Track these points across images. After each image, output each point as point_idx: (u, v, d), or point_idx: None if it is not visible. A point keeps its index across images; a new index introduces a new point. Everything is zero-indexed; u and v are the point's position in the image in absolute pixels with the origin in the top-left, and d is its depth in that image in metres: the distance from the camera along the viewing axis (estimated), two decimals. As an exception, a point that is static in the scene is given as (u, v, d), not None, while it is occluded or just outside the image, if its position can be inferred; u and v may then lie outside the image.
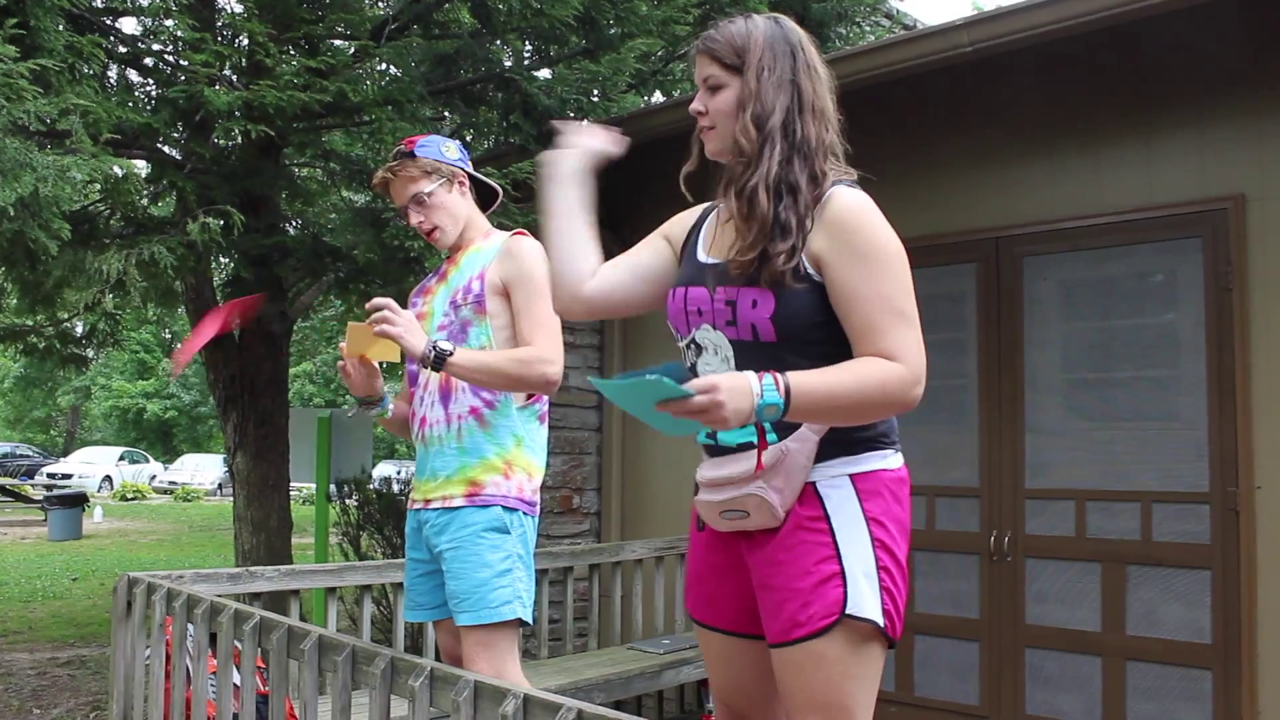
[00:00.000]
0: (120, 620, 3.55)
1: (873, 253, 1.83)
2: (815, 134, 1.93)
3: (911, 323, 1.84)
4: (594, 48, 5.90)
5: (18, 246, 4.53)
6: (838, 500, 1.87)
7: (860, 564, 1.84)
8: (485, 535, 2.63)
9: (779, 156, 1.89)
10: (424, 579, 2.80)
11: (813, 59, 1.98)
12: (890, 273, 1.83)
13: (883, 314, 1.81)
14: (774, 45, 1.95)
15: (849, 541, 1.84)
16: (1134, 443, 4.23)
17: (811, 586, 1.84)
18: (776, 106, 1.91)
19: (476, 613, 2.60)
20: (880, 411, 1.85)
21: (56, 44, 4.32)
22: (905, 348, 1.81)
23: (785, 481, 1.86)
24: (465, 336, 2.71)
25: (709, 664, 2.15)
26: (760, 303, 1.86)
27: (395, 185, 2.80)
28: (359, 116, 5.49)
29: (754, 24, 1.97)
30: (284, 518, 6.99)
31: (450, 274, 2.85)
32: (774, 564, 1.89)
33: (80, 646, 7.41)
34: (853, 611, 1.81)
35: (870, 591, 1.83)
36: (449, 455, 2.70)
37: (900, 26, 8.71)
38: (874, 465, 1.91)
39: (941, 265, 4.70)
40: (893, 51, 4.39)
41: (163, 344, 37.20)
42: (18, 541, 15.66)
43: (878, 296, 1.82)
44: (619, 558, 5.18)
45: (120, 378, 36.99)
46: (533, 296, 2.66)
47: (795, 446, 1.87)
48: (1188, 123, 4.14)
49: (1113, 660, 4.17)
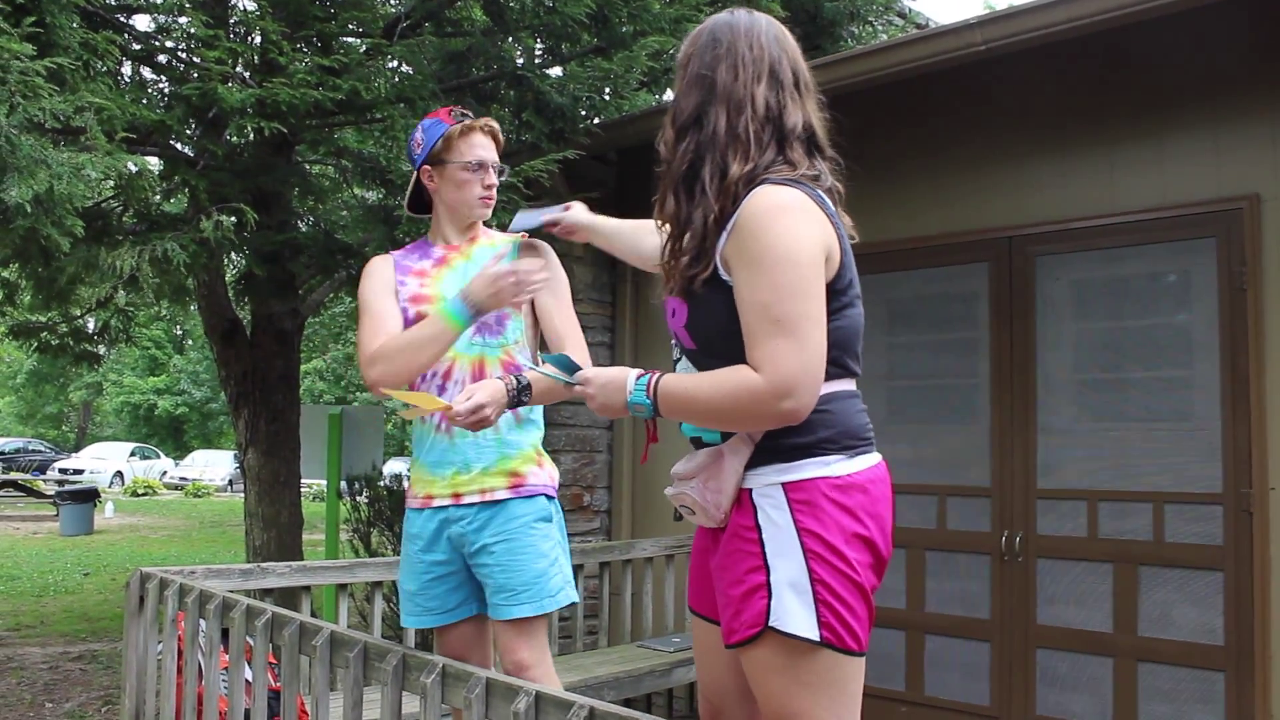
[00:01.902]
0: (133, 615, 3.56)
1: (758, 257, 1.74)
2: (725, 125, 1.83)
3: (788, 331, 1.71)
4: (606, 45, 5.89)
5: (32, 243, 4.55)
6: (769, 510, 1.82)
7: (788, 577, 1.77)
8: (536, 526, 2.63)
9: (689, 155, 1.85)
10: (439, 582, 2.69)
11: (743, 47, 1.86)
12: (770, 279, 1.73)
13: (759, 322, 1.74)
14: (697, 40, 1.91)
15: (777, 553, 1.79)
16: (1146, 443, 4.22)
17: (740, 596, 1.82)
18: (690, 105, 1.87)
19: (539, 602, 2.58)
20: (744, 421, 1.80)
21: (72, 41, 4.33)
22: (769, 359, 1.72)
23: (719, 484, 1.86)
24: (503, 328, 2.69)
25: (696, 655, 2.14)
26: (678, 312, 1.88)
27: (481, 138, 2.74)
28: (371, 114, 5.49)
29: (702, 27, 1.93)
30: (295, 514, 7.01)
31: (455, 261, 2.76)
32: (720, 568, 1.90)
33: (92, 641, 7.44)
34: (775, 625, 1.77)
35: (800, 605, 1.76)
36: (486, 447, 2.64)
37: (913, 25, 8.68)
38: (810, 474, 1.81)
39: (954, 265, 4.69)
40: (905, 50, 4.38)
41: (174, 340, 37.34)
42: (30, 536, 15.73)
43: (756, 303, 1.74)
44: (629, 556, 5.18)
45: (132, 374, 37.12)
46: (563, 298, 2.78)
47: (728, 450, 1.86)
48: (1201, 122, 4.13)
49: (1124, 661, 4.16)
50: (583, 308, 5.58)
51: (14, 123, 3.73)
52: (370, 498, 7.55)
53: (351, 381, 29.49)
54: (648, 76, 6.39)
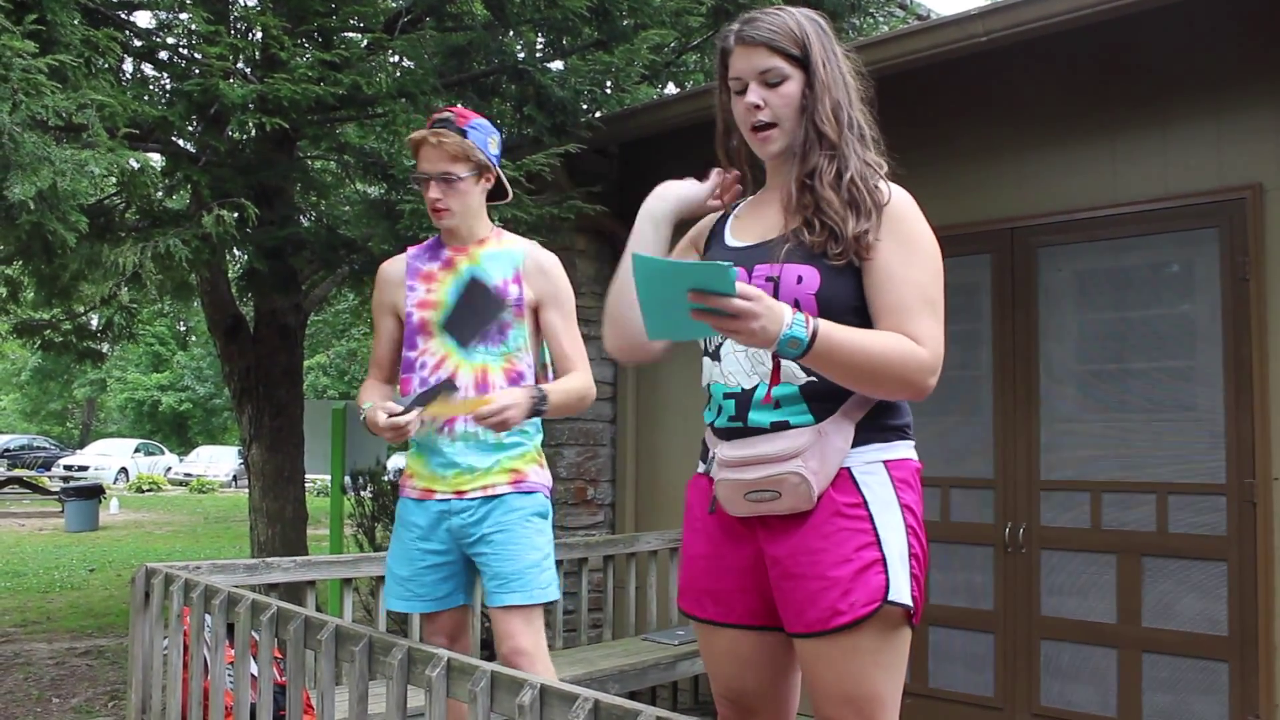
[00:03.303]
0: (138, 610, 3.57)
1: (914, 241, 1.88)
2: (868, 122, 1.99)
3: (938, 316, 1.87)
4: (607, 39, 5.89)
5: (35, 240, 4.56)
6: (875, 486, 1.87)
7: (898, 550, 1.85)
8: (532, 520, 2.73)
9: (855, 144, 1.94)
10: (431, 570, 2.78)
11: (842, 52, 2.01)
12: (929, 264, 1.88)
13: (915, 298, 1.85)
14: (822, 39, 1.96)
15: (887, 527, 1.85)
16: (1150, 434, 4.21)
17: (853, 574, 1.82)
18: (842, 98, 1.95)
19: (528, 593, 2.68)
20: (891, 386, 1.83)
21: (73, 38, 4.33)
22: (931, 336, 1.84)
23: (821, 463, 1.84)
24: (505, 336, 2.76)
25: (713, 662, 2.06)
26: (805, 278, 1.85)
27: (429, 150, 2.72)
28: (373, 109, 5.49)
29: (799, 16, 1.95)
30: (299, 509, 7.02)
31: (461, 264, 2.80)
32: (809, 552, 1.84)
33: (98, 637, 7.46)
34: (894, 598, 1.82)
35: (905, 577, 1.85)
36: (486, 450, 2.73)
37: (914, 17, 8.67)
38: (904, 454, 1.93)
39: (956, 256, 4.63)
40: (907, 42, 4.38)
41: (177, 337, 37.36)
42: (35, 533, 15.77)
43: (913, 281, 1.85)
44: (633, 549, 5.19)
45: (135, 370, 37.17)
46: (569, 316, 2.86)
47: (831, 429, 1.85)
48: (1204, 112, 4.12)
49: (1128, 652, 4.16)
50: (585, 301, 5.58)
51: (16, 120, 3.74)
52: (374, 492, 7.57)
53: (355, 377, 29.51)
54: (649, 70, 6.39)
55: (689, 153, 2.06)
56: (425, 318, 2.78)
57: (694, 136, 2.01)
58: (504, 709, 2.10)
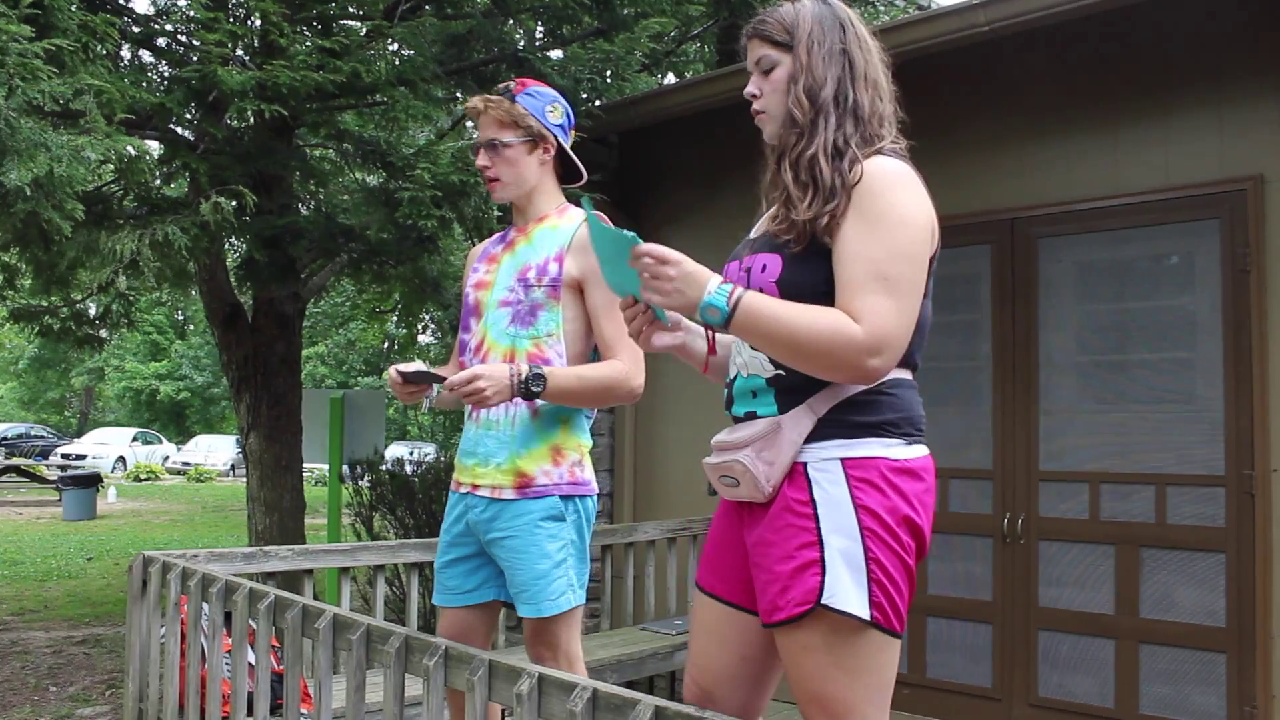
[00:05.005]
0: (136, 599, 3.56)
1: (878, 215, 1.79)
2: (869, 101, 1.94)
3: (893, 291, 1.75)
4: (607, 27, 5.87)
5: (32, 227, 4.54)
6: (826, 485, 1.80)
7: (843, 553, 1.76)
8: (542, 525, 2.58)
9: (834, 124, 1.90)
10: (456, 564, 2.71)
11: (862, 32, 2.00)
12: (887, 237, 1.77)
13: (865, 276, 1.76)
14: (822, 21, 1.97)
15: (833, 529, 1.77)
16: (1149, 425, 4.21)
17: (790, 572, 1.79)
18: (828, 78, 1.93)
19: (536, 605, 2.57)
20: (820, 363, 1.77)
21: (70, 23, 4.31)
22: (871, 312, 1.73)
23: (775, 455, 1.83)
24: (534, 319, 2.62)
25: (694, 634, 2.08)
26: (769, 266, 1.87)
27: (484, 119, 2.69)
28: (372, 97, 5.47)
29: (802, 5, 1.99)
30: (297, 498, 7.02)
31: (519, 245, 2.71)
32: (763, 544, 1.86)
33: (95, 625, 7.46)
34: (828, 602, 1.74)
35: (853, 583, 1.75)
36: (502, 441, 2.62)
37: (916, 6, 8.64)
38: (871, 452, 1.81)
39: (956, 247, 4.66)
40: (909, 31, 4.36)
41: (175, 325, 37.34)
42: (33, 521, 15.77)
43: (864, 256, 1.77)
44: (631, 539, 5.19)
45: (133, 359, 37.14)
46: (614, 297, 2.57)
47: (789, 422, 1.84)
48: (1206, 104, 4.11)
49: (1126, 643, 4.17)
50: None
51: (13, 105, 3.72)
52: (372, 482, 7.56)
53: (353, 366, 29.52)
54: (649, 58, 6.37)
55: (689, 141, 2.05)
56: (479, 298, 2.72)
57: (694, 125, 1.99)
58: (502, 698, 2.09)
